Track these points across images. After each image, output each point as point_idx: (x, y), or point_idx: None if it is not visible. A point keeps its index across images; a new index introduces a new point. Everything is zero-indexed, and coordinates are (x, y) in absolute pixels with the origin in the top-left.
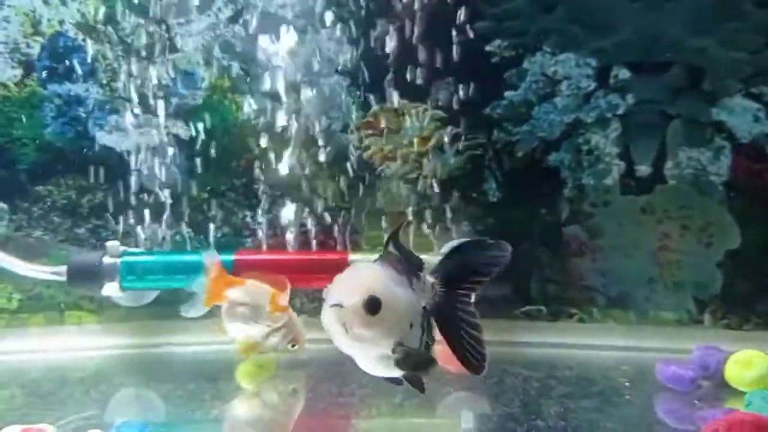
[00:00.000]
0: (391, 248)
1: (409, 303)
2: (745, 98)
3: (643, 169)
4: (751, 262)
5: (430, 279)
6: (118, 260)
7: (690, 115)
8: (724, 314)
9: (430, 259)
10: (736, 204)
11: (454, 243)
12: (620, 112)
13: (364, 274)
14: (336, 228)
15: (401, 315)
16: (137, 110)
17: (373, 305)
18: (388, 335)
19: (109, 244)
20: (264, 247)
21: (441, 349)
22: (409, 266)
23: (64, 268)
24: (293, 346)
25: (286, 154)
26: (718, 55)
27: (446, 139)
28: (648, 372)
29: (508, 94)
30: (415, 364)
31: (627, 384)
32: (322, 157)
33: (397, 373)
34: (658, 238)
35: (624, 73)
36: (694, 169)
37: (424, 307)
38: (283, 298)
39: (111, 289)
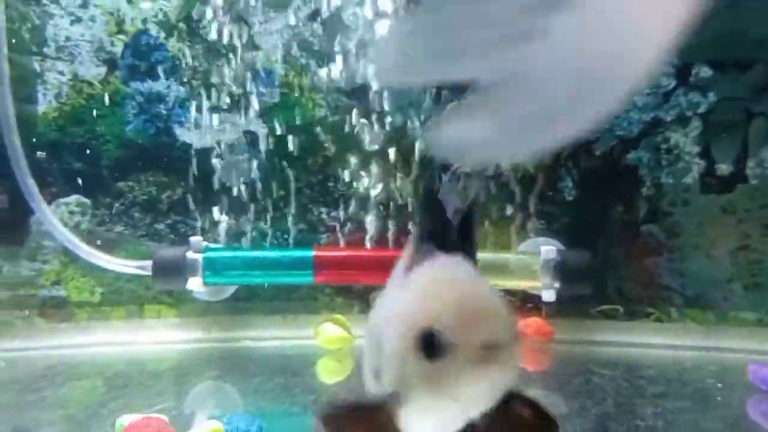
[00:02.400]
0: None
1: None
2: None
3: (724, 168)
4: None
5: None
6: (201, 256)
7: None
8: None
9: (509, 257)
10: None
11: (533, 241)
12: (701, 110)
13: (461, 281)
14: (412, 226)
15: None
16: (217, 108)
17: (492, 343)
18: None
19: (192, 239)
20: (341, 243)
21: None
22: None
23: (149, 263)
24: None
25: (362, 153)
26: None
27: None
28: (733, 373)
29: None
30: None
31: (719, 385)
32: (396, 155)
33: None
34: (738, 238)
35: (705, 71)
36: None
37: None
38: None
39: (194, 284)
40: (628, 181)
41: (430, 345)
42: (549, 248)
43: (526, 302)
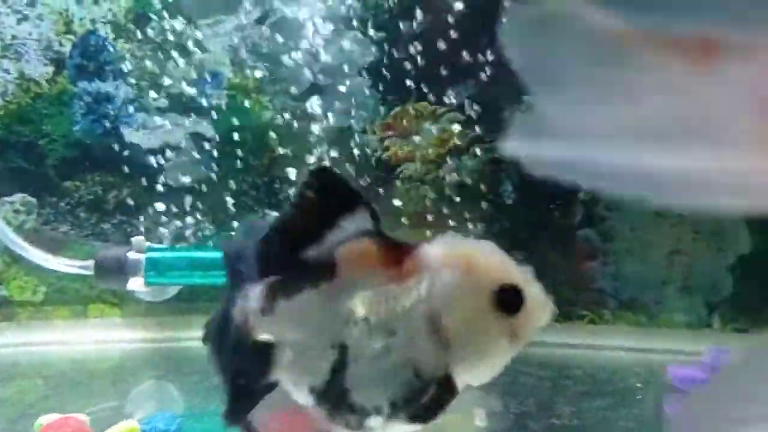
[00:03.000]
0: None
1: None
2: None
3: None
4: (761, 267)
5: None
6: (144, 256)
7: None
8: (733, 318)
9: None
10: None
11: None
12: None
13: (469, 245)
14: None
15: None
16: (164, 109)
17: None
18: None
19: (134, 239)
20: None
21: None
22: None
23: (91, 263)
24: None
25: (308, 154)
26: None
27: (464, 142)
28: (658, 374)
29: (526, 98)
30: None
31: (639, 385)
32: (341, 157)
33: None
34: (670, 243)
35: None
36: None
37: None
38: None
39: (136, 284)
40: (565, 186)
41: (509, 300)
42: None
43: None
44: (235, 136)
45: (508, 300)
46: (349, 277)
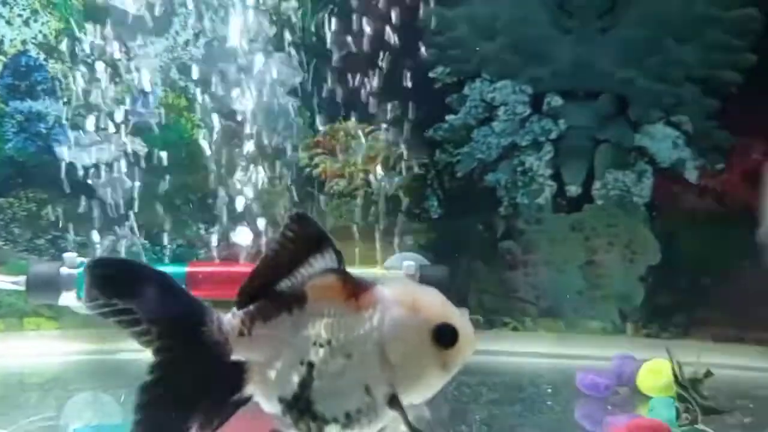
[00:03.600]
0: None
1: None
2: (666, 126)
3: (573, 190)
4: (670, 277)
5: None
6: (76, 271)
7: (616, 140)
8: (644, 324)
9: (376, 272)
10: (657, 223)
11: (397, 257)
12: (553, 136)
13: (416, 290)
14: None
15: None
16: (96, 127)
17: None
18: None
19: (66, 255)
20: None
21: None
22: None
23: (23, 278)
24: None
25: (239, 171)
26: (642, 85)
27: (391, 159)
28: (572, 379)
29: (449, 117)
30: None
31: (549, 390)
32: (272, 174)
33: None
34: (586, 254)
35: (557, 101)
36: (619, 190)
37: None
38: None
39: (68, 299)
40: (488, 201)
41: (446, 336)
42: (409, 263)
43: None
44: (167, 152)
45: (445, 336)
46: (317, 306)
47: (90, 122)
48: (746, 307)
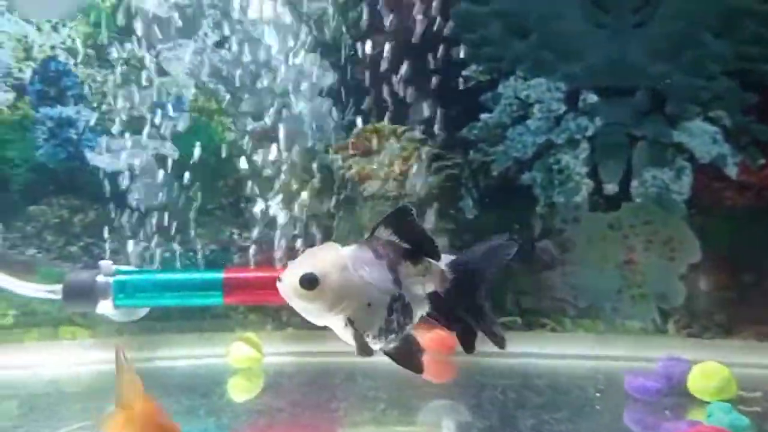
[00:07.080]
0: (381, 232)
1: (367, 283)
2: (704, 122)
3: (611, 188)
4: (711, 275)
5: (440, 267)
6: (112, 279)
7: (654, 137)
8: (687, 324)
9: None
10: (697, 220)
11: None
12: (589, 133)
13: (316, 253)
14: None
15: (346, 292)
16: (127, 132)
17: (308, 281)
18: (330, 309)
19: (102, 263)
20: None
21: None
22: (398, 251)
23: (59, 287)
24: None
25: (271, 174)
26: (679, 81)
27: (425, 159)
28: (616, 381)
29: (483, 116)
30: (399, 356)
31: (597, 394)
32: (306, 176)
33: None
34: (624, 253)
35: (592, 98)
36: (657, 188)
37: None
38: None
39: (105, 307)
40: (524, 200)
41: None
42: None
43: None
44: (199, 156)
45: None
46: None
47: (120, 127)
48: None
